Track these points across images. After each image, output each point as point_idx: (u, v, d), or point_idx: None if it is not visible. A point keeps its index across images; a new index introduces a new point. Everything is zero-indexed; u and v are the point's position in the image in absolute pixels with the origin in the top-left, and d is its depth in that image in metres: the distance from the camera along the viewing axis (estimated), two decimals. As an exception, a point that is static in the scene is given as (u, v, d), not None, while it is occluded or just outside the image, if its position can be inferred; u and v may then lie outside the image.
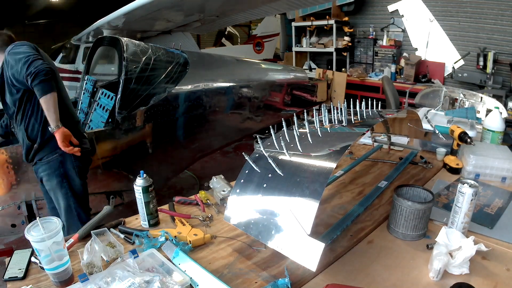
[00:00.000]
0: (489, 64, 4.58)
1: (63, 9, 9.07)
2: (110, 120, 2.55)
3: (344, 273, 1.06)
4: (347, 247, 1.18)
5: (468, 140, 1.74)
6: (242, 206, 1.11)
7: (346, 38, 6.25)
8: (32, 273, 1.06)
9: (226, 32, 9.10)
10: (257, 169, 1.12)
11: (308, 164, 1.07)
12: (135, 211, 1.35)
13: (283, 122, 1.25)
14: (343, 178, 1.71)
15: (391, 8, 5.91)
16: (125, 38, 2.67)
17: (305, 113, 1.40)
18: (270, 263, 1.09)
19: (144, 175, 1.29)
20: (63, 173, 1.97)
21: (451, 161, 1.81)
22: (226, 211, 1.13)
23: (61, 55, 6.06)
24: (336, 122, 1.31)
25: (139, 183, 1.27)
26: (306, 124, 1.29)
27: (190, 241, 1.17)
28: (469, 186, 1.15)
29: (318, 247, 0.90)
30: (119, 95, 2.49)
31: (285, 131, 1.25)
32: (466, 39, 5.15)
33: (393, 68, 5.75)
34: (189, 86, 2.91)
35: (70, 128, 1.87)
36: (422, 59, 5.61)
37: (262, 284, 1.00)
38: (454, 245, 1.05)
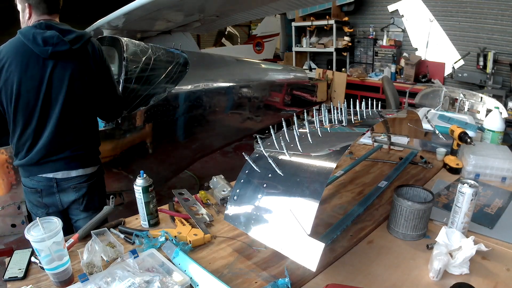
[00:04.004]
0: (489, 64, 4.58)
1: (62, 9, 9.06)
2: (110, 120, 2.55)
3: (344, 273, 1.06)
4: (347, 247, 1.18)
5: (468, 140, 1.75)
6: (242, 206, 1.10)
7: (346, 38, 6.25)
8: (32, 273, 1.06)
9: (226, 32, 9.08)
10: (257, 169, 1.12)
11: (308, 164, 1.07)
12: (135, 211, 1.35)
13: (283, 122, 1.25)
14: (343, 178, 1.71)
15: (391, 8, 5.91)
16: (125, 38, 2.67)
17: (305, 113, 1.40)
18: (270, 263, 1.10)
19: (144, 175, 1.29)
20: None
21: (451, 161, 1.81)
22: (226, 211, 1.13)
23: (61, 55, 6.03)
24: (336, 122, 1.31)
25: (139, 183, 1.27)
26: (306, 124, 1.29)
27: (190, 241, 1.17)
28: (469, 186, 1.15)
29: (318, 247, 0.90)
30: (119, 95, 2.48)
31: (285, 131, 1.25)
32: (466, 39, 5.15)
33: (393, 68, 5.75)
34: (189, 86, 2.90)
35: None
36: (422, 59, 5.61)
37: (262, 284, 1.00)
38: (454, 245, 1.05)
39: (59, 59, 1.49)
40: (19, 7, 1.53)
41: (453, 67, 5.21)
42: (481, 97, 2.97)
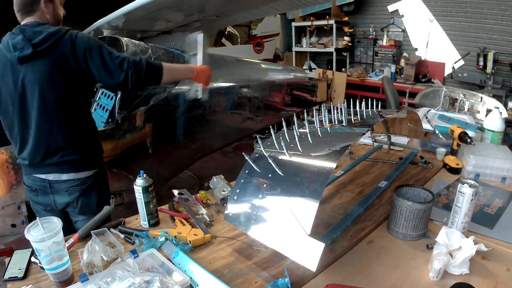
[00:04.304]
0: (489, 64, 4.58)
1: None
2: (110, 120, 2.55)
3: (344, 273, 1.06)
4: (347, 247, 1.18)
5: (468, 140, 1.75)
6: (242, 206, 1.10)
7: (346, 38, 6.25)
8: (32, 273, 1.06)
9: (226, 32, 9.08)
10: (257, 169, 1.12)
11: (308, 164, 1.07)
12: (135, 211, 1.35)
13: (283, 122, 1.25)
14: (343, 178, 1.71)
15: (391, 8, 5.91)
16: (125, 38, 2.67)
17: (305, 113, 1.40)
18: (270, 263, 1.10)
19: (144, 175, 1.29)
20: None
21: (451, 161, 1.81)
22: (226, 211, 1.13)
23: (61, 55, 6.04)
24: (336, 122, 1.31)
25: (139, 183, 1.27)
26: (306, 124, 1.29)
27: (190, 241, 1.17)
28: (469, 186, 1.15)
29: (318, 247, 0.90)
30: (119, 95, 2.48)
31: (285, 131, 1.25)
32: (466, 39, 5.15)
33: (393, 68, 5.75)
34: (189, 86, 2.90)
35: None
36: (422, 59, 5.60)
37: (262, 284, 1.00)
38: (454, 245, 1.05)
39: (29, 63, 1.44)
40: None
41: (453, 67, 5.21)
42: (481, 97, 2.96)
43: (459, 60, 5.18)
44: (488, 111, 2.77)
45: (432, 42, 5.52)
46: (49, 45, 1.44)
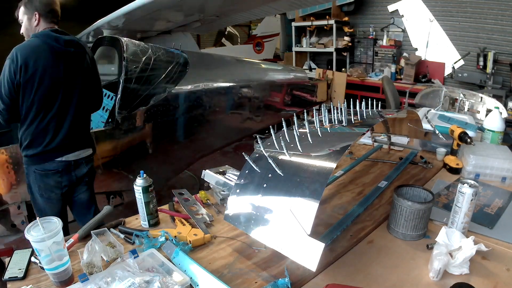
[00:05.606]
0: (489, 64, 4.58)
1: (63, 9, 9.06)
2: (110, 120, 2.55)
3: (344, 273, 1.06)
4: (347, 247, 1.18)
5: (468, 140, 1.75)
6: (242, 206, 1.10)
7: (346, 38, 6.25)
8: (32, 273, 1.06)
9: (226, 32, 9.08)
10: (257, 169, 1.12)
11: (308, 164, 1.07)
12: (135, 211, 1.35)
13: (283, 122, 1.25)
14: (343, 178, 1.71)
15: (391, 8, 5.91)
16: (125, 38, 2.67)
17: (305, 113, 1.40)
18: (270, 263, 1.09)
19: (144, 175, 1.29)
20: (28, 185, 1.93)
21: (451, 161, 1.81)
22: (226, 211, 1.13)
23: (61, 55, 6.04)
24: (336, 122, 1.31)
25: (139, 183, 1.27)
26: (306, 124, 1.29)
27: (190, 241, 1.17)
28: (469, 186, 1.15)
29: (318, 247, 0.90)
30: (119, 95, 2.48)
31: (285, 131, 1.25)
32: (466, 39, 5.15)
33: (393, 68, 5.75)
34: (189, 86, 2.91)
35: None
36: (422, 59, 5.61)
37: (262, 284, 1.00)
38: (454, 245, 1.05)
39: None
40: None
41: (453, 67, 5.21)
42: (481, 97, 2.97)
43: (459, 60, 5.18)
44: (488, 111, 2.77)
45: (432, 42, 5.53)
46: None
